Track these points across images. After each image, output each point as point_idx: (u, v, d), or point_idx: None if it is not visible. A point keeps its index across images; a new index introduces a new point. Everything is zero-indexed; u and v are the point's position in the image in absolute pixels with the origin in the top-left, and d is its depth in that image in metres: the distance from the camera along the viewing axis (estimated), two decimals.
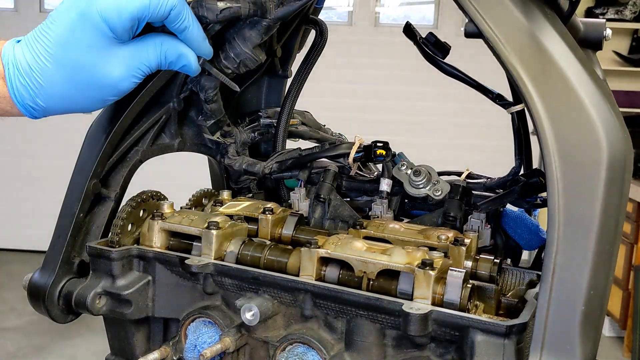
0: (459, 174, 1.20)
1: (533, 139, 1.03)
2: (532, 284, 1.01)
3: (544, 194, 1.10)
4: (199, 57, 1.05)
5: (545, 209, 0.82)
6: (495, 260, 0.98)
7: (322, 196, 1.17)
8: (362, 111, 6.07)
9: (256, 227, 1.11)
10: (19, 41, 0.83)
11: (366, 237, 1.02)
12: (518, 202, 1.12)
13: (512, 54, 0.81)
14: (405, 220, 1.18)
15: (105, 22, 0.79)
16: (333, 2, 6.27)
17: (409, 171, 1.13)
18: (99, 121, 1.09)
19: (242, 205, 1.14)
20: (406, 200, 1.19)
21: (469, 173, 1.21)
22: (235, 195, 1.29)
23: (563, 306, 0.76)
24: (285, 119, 1.33)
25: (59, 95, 0.83)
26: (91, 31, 0.80)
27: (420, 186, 1.12)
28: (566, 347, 0.75)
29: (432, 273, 0.83)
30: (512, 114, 1.16)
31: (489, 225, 1.12)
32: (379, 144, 1.15)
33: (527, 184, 1.10)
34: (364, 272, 0.89)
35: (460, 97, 4.90)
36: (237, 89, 1.12)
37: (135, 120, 1.11)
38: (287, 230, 1.11)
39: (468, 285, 0.85)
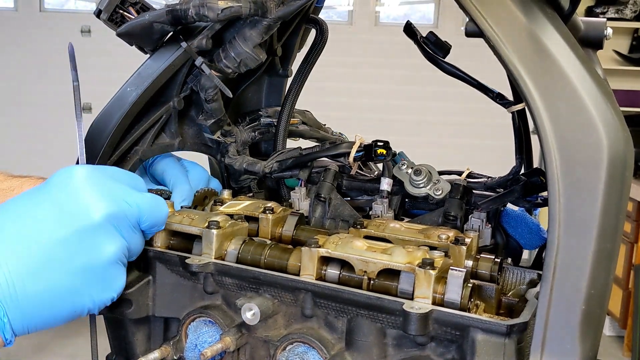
0: (460, 173, 1.20)
1: (534, 138, 1.03)
2: (532, 284, 1.01)
3: (544, 193, 1.10)
4: (199, 56, 1.06)
5: (546, 208, 0.82)
6: (495, 260, 0.98)
7: (322, 195, 1.17)
8: (363, 110, 6.07)
9: (257, 226, 1.11)
10: None
11: (367, 237, 1.02)
12: (519, 202, 1.12)
13: (512, 53, 0.81)
14: (406, 219, 1.18)
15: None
16: (333, 1, 6.27)
17: (410, 170, 1.13)
18: (99, 121, 1.09)
19: (242, 205, 1.14)
20: (407, 200, 1.19)
21: (470, 172, 1.21)
22: (235, 194, 1.29)
23: (564, 305, 0.76)
24: (286, 118, 1.33)
25: None
26: None
27: (421, 185, 1.12)
28: (567, 347, 0.75)
29: (433, 272, 0.83)
30: (512, 113, 1.16)
31: (490, 225, 1.12)
32: (379, 143, 1.14)
33: (527, 183, 1.10)
34: (365, 272, 0.89)
35: (460, 96, 4.90)
36: (230, 94, 1.12)
37: (135, 120, 1.11)
38: (288, 230, 1.11)
39: (469, 285, 0.85)
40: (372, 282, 0.89)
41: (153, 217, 0.89)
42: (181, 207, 1.13)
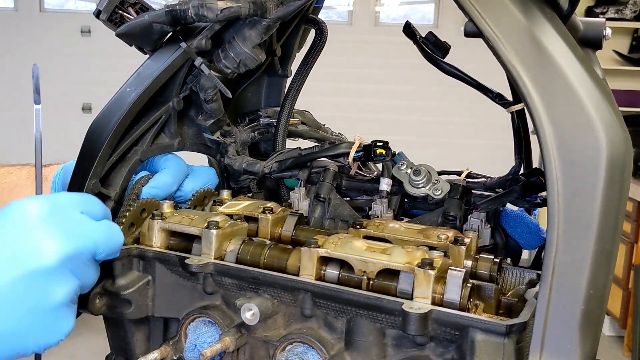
0: (459, 173, 1.20)
1: (533, 138, 1.03)
2: (532, 284, 1.01)
3: (543, 194, 1.10)
4: (198, 57, 1.05)
5: (545, 208, 0.82)
6: (495, 260, 0.98)
7: (322, 196, 1.17)
8: (362, 110, 6.08)
9: (256, 226, 1.11)
10: None
11: (366, 237, 1.02)
12: (518, 202, 1.12)
13: (511, 53, 0.81)
14: (405, 219, 1.18)
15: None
16: (333, 2, 6.28)
17: (409, 170, 1.13)
18: (99, 121, 1.09)
19: (242, 205, 1.14)
20: (406, 200, 1.19)
21: (469, 172, 1.21)
22: (235, 194, 1.29)
23: (563, 305, 0.76)
24: (285, 118, 1.33)
25: None
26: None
27: (420, 185, 1.12)
28: (566, 346, 0.75)
29: (432, 272, 0.83)
30: (511, 113, 1.16)
31: (489, 225, 1.12)
32: (378, 144, 1.15)
33: (527, 183, 1.10)
34: (364, 272, 0.89)
35: (460, 96, 4.90)
36: (229, 94, 1.12)
37: (134, 120, 1.11)
38: (287, 230, 1.11)
39: (468, 285, 0.85)
40: (371, 282, 0.89)
41: (108, 247, 0.85)
42: (180, 207, 1.13)
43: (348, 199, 1.22)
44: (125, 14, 1.10)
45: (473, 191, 1.16)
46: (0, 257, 0.73)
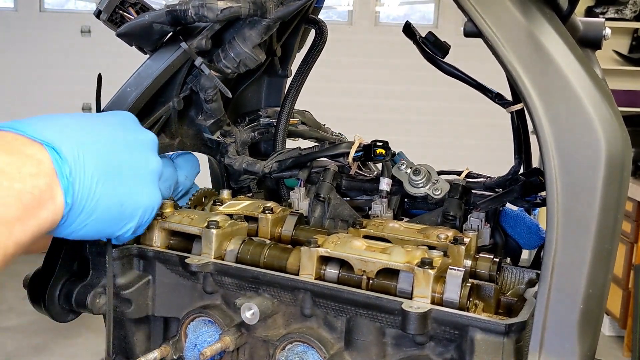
0: (459, 173, 1.21)
1: (532, 138, 1.03)
2: (531, 283, 1.01)
3: (543, 193, 1.10)
4: (198, 57, 1.06)
5: (545, 208, 0.82)
6: (494, 259, 0.99)
7: (321, 195, 1.17)
8: (362, 110, 6.08)
9: (256, 226, 1.11)
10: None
11: (366, 236, 1.02)
12: (518, 201, 1.12)
13: (511, 54, 0.81)
14: (405, 219, 1.18)
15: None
16: (333, 1, 6.28)
17: (409, 170, 1.13)
18: None
19: (242, 205, 1.14)
20: (406, 200, 1.19)
21: (469, 172, 1.21)
22: (235, 194, 1.29)
23: (562, 305, 0.76)
24: (285, 118, 1.34)
25: None
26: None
27: (420, 185, 1.12)
28: (565, 346, 0.76)
29: (432, 272, 0.84)
30: (511, 113, 1.16)
31: (489, 225, 1.12)
32: (378, 143, 1.15)
33: (526, 183, 1.10)
34: (364, 271, 0.89)
35: (460, 96, 4.90)
36: (229, 94, 1.12)
37: None
38: (287, 230, 1.11)
39: (467, 284, 0.85)
40: (371, 281, 0.89)
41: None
42: (180, 207, 1.13)
43: (348, 198, 1.23)
44: (125, 14, 1.11)
45: (473, 191, 1.16)
46: (116, 123, 0.91)
